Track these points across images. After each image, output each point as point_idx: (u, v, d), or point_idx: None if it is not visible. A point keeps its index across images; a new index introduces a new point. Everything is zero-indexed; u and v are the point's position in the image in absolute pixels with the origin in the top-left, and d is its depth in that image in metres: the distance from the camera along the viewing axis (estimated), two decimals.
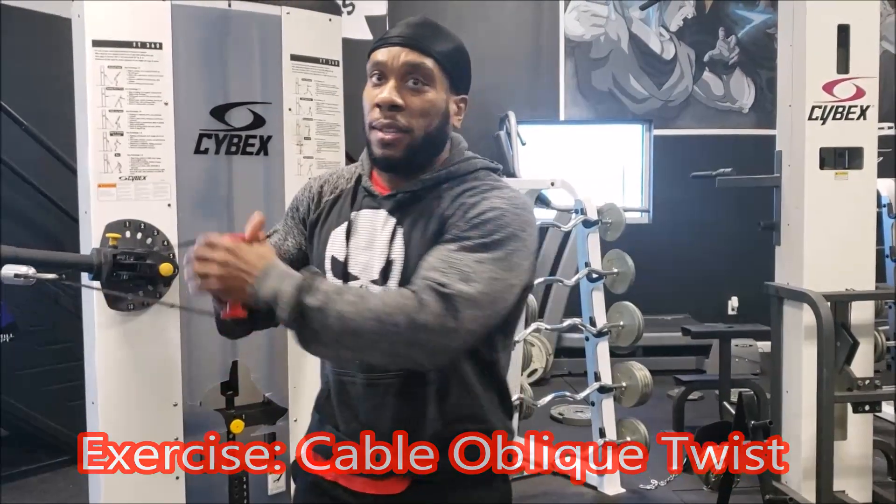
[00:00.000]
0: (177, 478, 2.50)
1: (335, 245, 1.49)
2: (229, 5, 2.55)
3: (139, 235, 2.40)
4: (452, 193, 1.45)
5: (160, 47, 2.42)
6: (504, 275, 1.35)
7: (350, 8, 6.37)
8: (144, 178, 2.42)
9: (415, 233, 1.43)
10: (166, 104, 2.44)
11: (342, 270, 1.46)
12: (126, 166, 2.39)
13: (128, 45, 2.38)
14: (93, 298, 2.40)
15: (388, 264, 1.43)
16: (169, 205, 2.46)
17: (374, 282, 1.43)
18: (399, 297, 1.29)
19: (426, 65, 1.43)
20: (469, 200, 1.42)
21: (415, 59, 1.42)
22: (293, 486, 1.63)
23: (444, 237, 1.38)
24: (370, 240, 1.46)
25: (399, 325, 1.25)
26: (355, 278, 1.45)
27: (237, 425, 2.60)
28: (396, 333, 1.26)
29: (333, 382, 1.50)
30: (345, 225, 1.49)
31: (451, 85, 1.48)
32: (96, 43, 2.35)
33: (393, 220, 1.46)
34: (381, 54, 1.43)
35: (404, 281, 1.39)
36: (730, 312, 7.00)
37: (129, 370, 2.44)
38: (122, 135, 2.38)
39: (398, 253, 1.43)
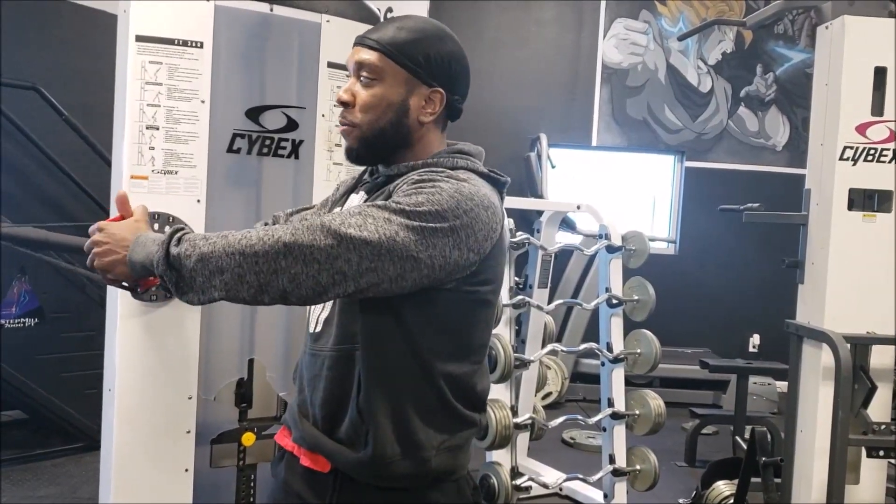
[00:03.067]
0: (186, 470, 2.53)
1: None
2: (271, 10, 2.59)
3: (167, 229, 2.43)
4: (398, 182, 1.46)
5: (201, 46, 2.46)
6: (410, 243, 1.29)
7: None
8: (176, 172, 2.46)
9: None
10: (203, 102, 2.48)
11: None
12: (159, 160, 2.43)
13: (170, 42, 2.43)
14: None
15: None
16: (198, 200, 2.49)
17: None
18: (271, 229, 1.30)
19: (371, 60, 1.46)
20: (415, 176, 1.42)
21: (362, 56, 1.47)
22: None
23: None
24: None
25: (258, 254, 1.26)
26: None
27: (248, 438, 2.62)
28: (256, 262, 1.26)
29: (300, 354, 1.57)
30: (339, 208, 1.61)
31: (413, 76, 1.47)
32: (140, 38, 2.40)
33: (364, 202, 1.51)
34: (348, 55, 1.51)
35: None
36: (750, 349, 6.94)
37: (147, 360, 2.47)
38: (157, 129, 2.42)
39: None
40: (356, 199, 1.57)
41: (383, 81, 1.46)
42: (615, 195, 7.24)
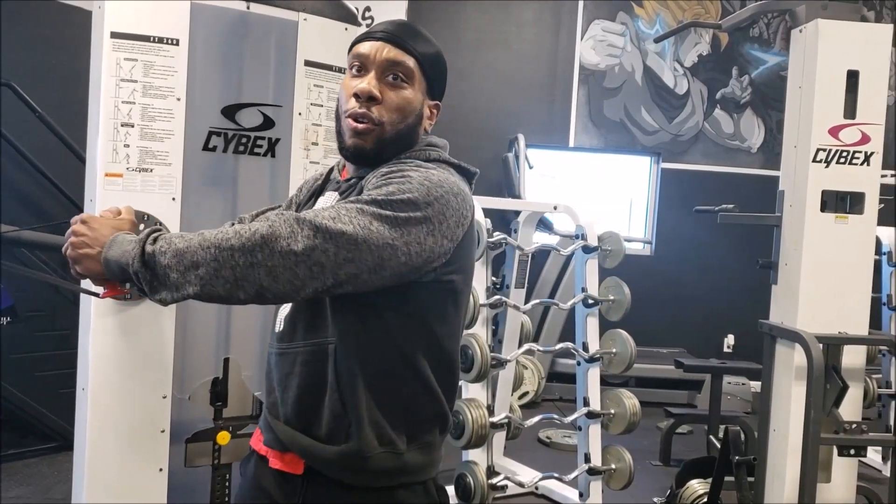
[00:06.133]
0: (160, 469, 2.51)
1: None
2: (248, 7, 2.58)
3: (142, 227, 2.41)
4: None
5: (177, 43, 2.45)
6: (384, 231, 1.29)
7: (369, 21, 6.43)
8: (151, 170, 2.44)
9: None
10: (178, 100, 2.47)
11: None
12: (134, 157, 2.42)
13: (145, 38, 2.41)
14: (90, 285, 2.41)
15: None
16: (174, 199, 2.48)
17: None
18: (247, 224, 1.30)
19: (407, 63, 1.46)
20: (384, 168, 1.43)
21: (397, 56, 1.45)
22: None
23: None
24: None
25: (235, 247, 1.24)
26: None
27: (224, 437, 2.61)
28: (232, 255, 1.24)
29: (267, 356, 1.53)
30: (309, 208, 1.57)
31: (428, 88, 1.51)
32: (115, 35, 2.39)
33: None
34: (364, 47, 1.47)
35: None
36: (725, 350, 7.00)
37: (121, 359, 2.45)
38: (132, 126, 2.41)
39: None
40: (328, 199, 1.54)
41: (412, 86, 1.47)
42: (592, 196, 7.27)
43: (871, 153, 3.02)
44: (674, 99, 7.17)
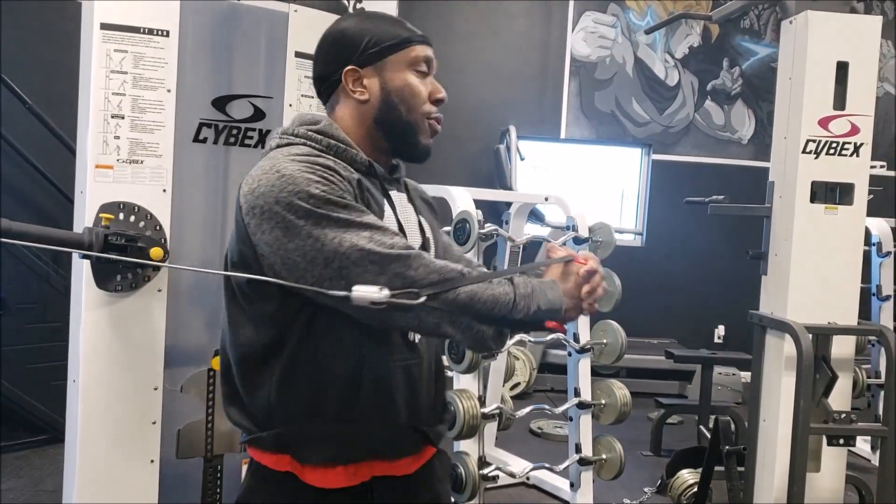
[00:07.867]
0: (151, 461, 2.51)
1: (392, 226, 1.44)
2: None
3: (132, 218, 2.42)
4: (411, 186, 1.63)
5: (167, 35, 2.44)
6: None
7: None
8: (142, 162, 2.44)
9: (427, 218, 1.59)
10: (169, 91, 2.46)
11: None
12: (124, 149, 2.41)
13: (135, 30, 2.40)
14: (81, 277, 2.41)
15: (427, 242, 1.55)
16: (164, 190, 2.48)
17: None
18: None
19: None
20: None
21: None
22: None
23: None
24: (406, 219, 1.52)
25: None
26: None
27: (217, 362, 2.60)
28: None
29: (395, 371, 1.45)
30: (388, 206, 1.46)
31: None
32: (104, 26, 2.38)
33: (412, 204, 1.57)
34: (428, 51, 1.50)
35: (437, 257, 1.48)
36: (716, 340, 7.04)
37: (112, 351, 2.45)
38: (122, 118, 2.40)
39: (429, 233, 1.57)
40: (398, 196, 1.52)
41: None
42: (583, 187, 7.29)
43: (861, 144, 3.03)
44: (665, 90, 7.18)
